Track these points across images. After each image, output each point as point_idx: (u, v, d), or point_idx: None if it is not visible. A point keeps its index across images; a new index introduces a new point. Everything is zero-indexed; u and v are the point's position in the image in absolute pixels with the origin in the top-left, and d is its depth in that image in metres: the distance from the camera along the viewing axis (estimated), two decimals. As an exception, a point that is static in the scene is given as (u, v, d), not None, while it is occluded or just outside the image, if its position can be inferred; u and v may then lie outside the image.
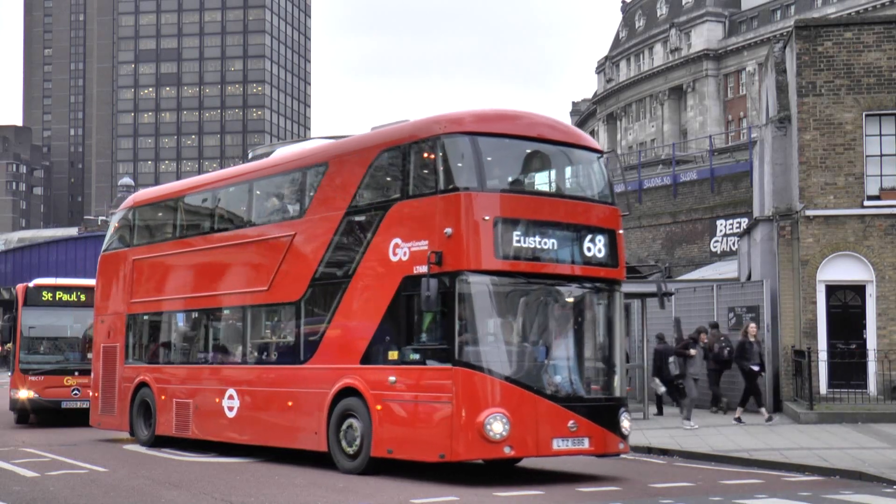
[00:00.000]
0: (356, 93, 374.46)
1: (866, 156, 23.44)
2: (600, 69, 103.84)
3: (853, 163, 23.41)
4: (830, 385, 22.91)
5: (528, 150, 14.71)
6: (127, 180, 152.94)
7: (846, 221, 23.44)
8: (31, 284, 25.92)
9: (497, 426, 13.09)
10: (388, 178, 15.22)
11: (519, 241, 13.73)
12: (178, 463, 16.73)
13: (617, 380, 14.64)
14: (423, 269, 13.65)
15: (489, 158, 14.05)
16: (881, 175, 23.52)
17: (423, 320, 14.00)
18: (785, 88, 25.61)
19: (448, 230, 13.52)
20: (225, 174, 20.16)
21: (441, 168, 14.04)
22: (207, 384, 18.14)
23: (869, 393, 22.84)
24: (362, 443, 14.52)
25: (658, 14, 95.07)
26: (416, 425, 13.87)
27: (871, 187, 23.49)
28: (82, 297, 25.52)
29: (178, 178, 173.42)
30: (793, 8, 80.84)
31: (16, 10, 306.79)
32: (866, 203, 23.36)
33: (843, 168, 23.44)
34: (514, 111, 15.33)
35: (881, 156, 23.50)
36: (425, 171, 14.42)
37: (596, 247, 14.29)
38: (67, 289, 26.00)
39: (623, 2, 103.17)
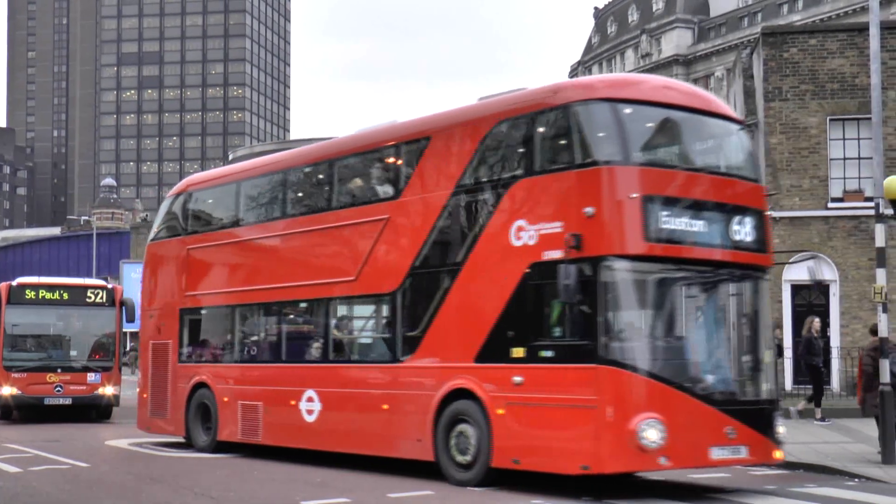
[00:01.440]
0: (335, 96, 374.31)
1: (830, 159, 24.07)
2: (573, 74, 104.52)
3: (818, 166, 24.03)
4: (795, 381, 23.49)
5: (669, 119, 12.94)
6: (109, 181, 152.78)
7: (811, 223, 24.06)
8: (14, 283, 25.85)
9: (652, 433, 11.38)
10: (507, 153, 13.46)
11: (667, 222, 12.04)
12: (160, 458, 16.92)
13: (769, 378, 12.97)
14: (554, 254, 12.03)
15: (630, 128, 12.39)
16: (844, 178, 24.14)
17: (555, 312, 12.27)
18: (752, 93, 26.19)
19: (589, 210, 11.82)
20: (300, 153, 17.60)
21: (577, 140, 12.34)
22: (281, 385, 16.29)
23: (832, 389, 23.42)
24: (478, 452, 12.83)
25: (629, 20, 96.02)
26: (550, 432, 12.13)
27: (835, 190, 24.11)
28: (65, 296, 25.67)
29: (161, 179, 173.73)
30: (760, 15, 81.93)
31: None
32: (830, 205, 24.00)
33: (808, 171, 24.06)
34: (643, 76, 14.22)
35: (844, 159, 24.12)
36: (557, 144, 12.77)
37: (745, 229, 12.59)
38: (51, 287, 25.97)
39: (595, 8, 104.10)
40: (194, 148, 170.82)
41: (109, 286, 26.76)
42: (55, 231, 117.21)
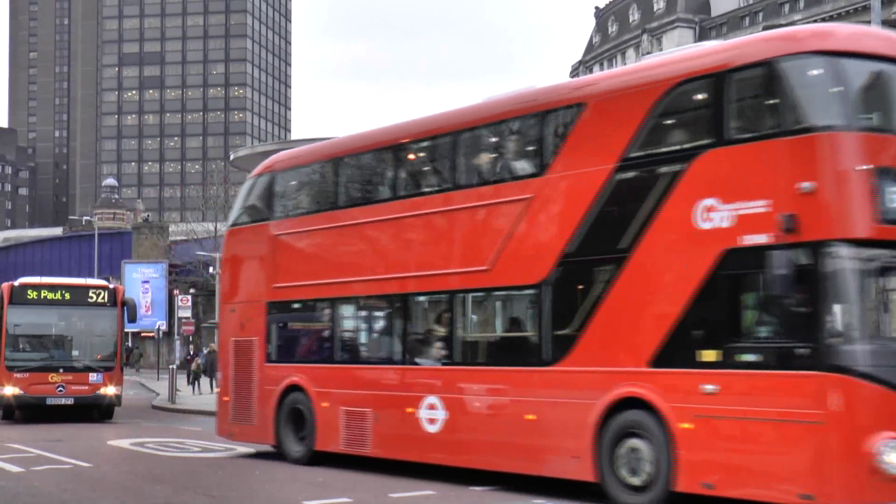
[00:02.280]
0: (335, 96, 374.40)
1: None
2: (574, 73, 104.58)
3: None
4: None
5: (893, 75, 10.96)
6: (111, 181, 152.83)
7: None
8: (16, 283, 25.91)
9: None
10: (689, 120, 11.71)
11: None
12: (162, 458, 16.99)
13: None
14: (758, 238, 10.22)
15: (851, 86, 10.58)
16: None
17: (759, 308, 10.55)
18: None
19: (806, 185, 9.94)
20: (417, 124, 15.25)
21: (787, 101, 10.49)
22: (395, 389, 14.31)
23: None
24: (656, 473, 10.97)
25: (630, 20, 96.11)
26: (757, 453, 10.21)
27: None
28: (67, 296, 25.69)
29: (162, 179, 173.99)
30: (761, 15, 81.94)
31: (1, 14, 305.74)
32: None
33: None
34: (838, 25, 12.79)
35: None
36: (758, 107, 11.00)
37: None
38: (52, 287, 26.00)
39: (596, 7, 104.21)
40: (196, 148, 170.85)
41: (111, 286, 26.78)
42: (57, 231, 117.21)
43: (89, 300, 25.65)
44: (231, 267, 18.19)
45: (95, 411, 25.38)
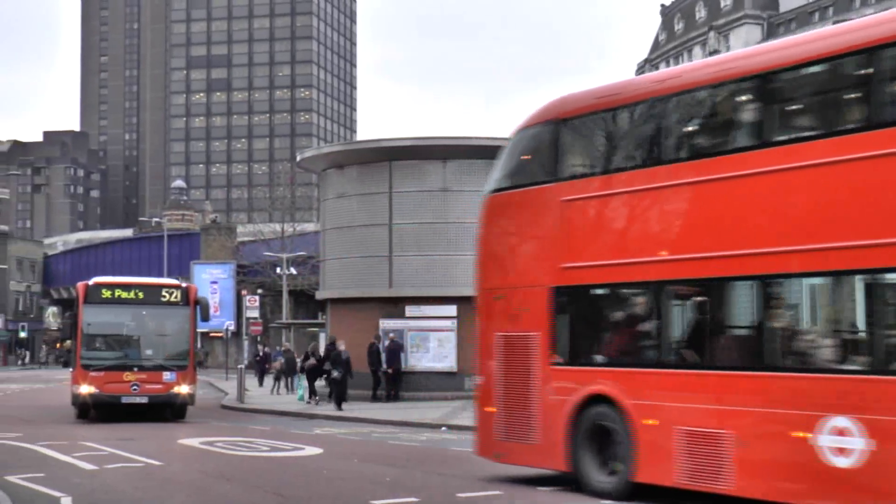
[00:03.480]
0: (398, 96, 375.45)
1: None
2: (640, 71, 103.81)
3: None
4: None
5: None
6: (180, 183, 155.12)
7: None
8: (91, 282, 26.01)
9: None
10: None
11: None
12: (231, 457, 17.15)
13: None
14: None
15: None
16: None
17: None
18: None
19: None
20: (787, 47, 11.92)
21: None
22: (771, 405, 10.79)
23: None
24: None
25: (697, 17, 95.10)
26: None
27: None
28: (140, 295, 25.77)
29: (229, 181, 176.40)
30: (831, 10, 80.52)
31: (73, 20, 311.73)
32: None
33: None
34: None
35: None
36: None
37: None
38: (126, 286, 26.16)
39: (662, 5, 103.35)
40: (262, 150, 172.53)
41: (184, 285, 26.97)
42: (127, 233, 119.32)
43: (162, 299, 25.69)
44: (493, 243, 14.53)
45: (169, 410, 25.57)
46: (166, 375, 24.94)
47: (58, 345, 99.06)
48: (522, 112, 20.76)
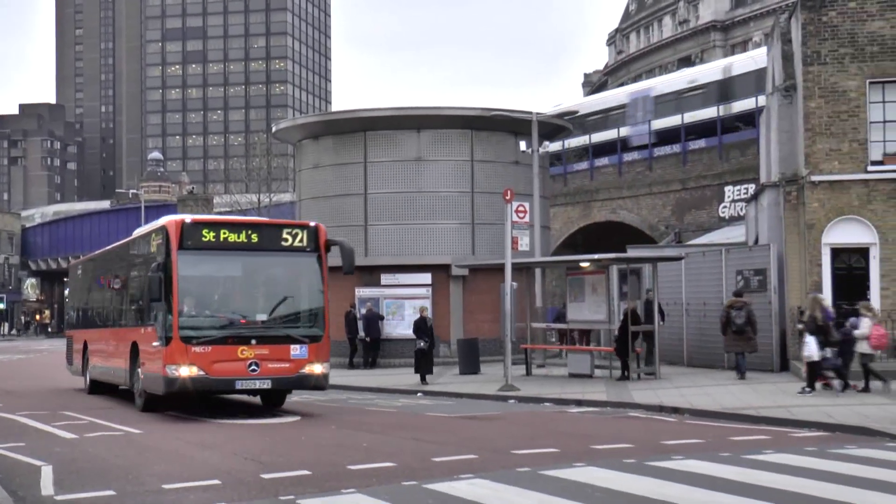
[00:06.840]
0: (374, 67, 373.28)
1: (870, 122, 23.98)
2: (611, 41, 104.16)
3: (857, 129, 23.96)
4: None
5: None
6: (156, 154, 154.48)
7: (850, 186, 24.03)
8: (187, 219, 18.88)
9: None
10: None
11: None
12: (211, 425, 17.28)
13: None
14: None
15: None
16: (884, 141, 24.06)
17: None
18: (790, 58, 26.10)
19: None
20: None
21: None
22: None
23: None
24: None
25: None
26: None
27: (875, 153, 24.04)
28: (255, 238, 18.96)
29: (206, 153, 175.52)
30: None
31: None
32: (870, 168, 23.94)
33: (848, 134, 24.00)
34: None
35: (884, 122, 24.01)
36: None
37: None
38: (235, 226, 19.07)
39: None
40: (238, 121, 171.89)
41: (312, 224, 19.89)
42: (104, 204, 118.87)
43: (284, 243, 19.13)
44: None
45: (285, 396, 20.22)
46: (294, 350, 18.56)
47: (37, 317, 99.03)
48: (498, 83, 20.92)
